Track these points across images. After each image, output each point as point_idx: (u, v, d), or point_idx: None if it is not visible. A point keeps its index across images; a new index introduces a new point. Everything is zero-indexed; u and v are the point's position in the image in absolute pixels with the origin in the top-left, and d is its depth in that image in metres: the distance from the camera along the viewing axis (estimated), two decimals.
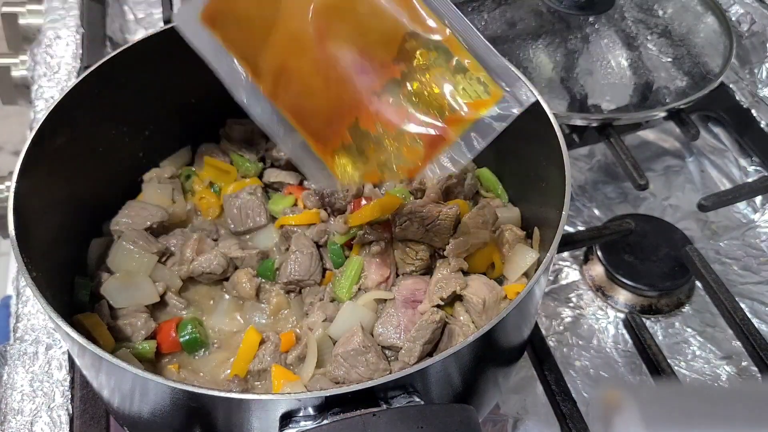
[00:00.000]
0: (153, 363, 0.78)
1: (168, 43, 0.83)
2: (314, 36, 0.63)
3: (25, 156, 0.72)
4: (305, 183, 0.92)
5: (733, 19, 1.26)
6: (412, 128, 0.63)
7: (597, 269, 1.04)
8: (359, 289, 0.80)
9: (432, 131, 0.63)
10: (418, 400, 0.57)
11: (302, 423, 0.56)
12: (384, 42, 0.63)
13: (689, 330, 0.99)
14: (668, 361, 0.88)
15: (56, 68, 1.20)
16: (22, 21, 1.27)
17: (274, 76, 0.65)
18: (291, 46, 0.64)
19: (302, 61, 0.64)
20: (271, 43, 0.64)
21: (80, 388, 0.83)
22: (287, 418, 0.56)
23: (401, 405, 0.56)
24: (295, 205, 0.89)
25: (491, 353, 0.67)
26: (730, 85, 1.22)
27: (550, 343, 0.92)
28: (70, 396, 0.82)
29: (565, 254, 1.07)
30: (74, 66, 1.20)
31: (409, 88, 0.63)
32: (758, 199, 1.15)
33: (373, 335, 0.76)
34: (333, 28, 0.63)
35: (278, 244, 0.86)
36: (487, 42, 0.63)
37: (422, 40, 0.63)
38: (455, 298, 0.77)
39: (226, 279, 0.84)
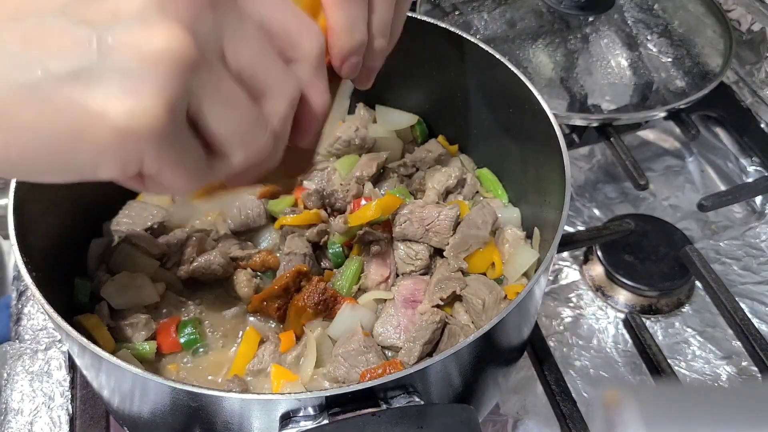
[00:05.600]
0: (153, 363, 0.78)
1: None
2: None
3: None
4: (305, 183, 0.92)
5: (733, 18, 1.26)
6: None
7: (597, 269, 1.04)
8: (359, 289, 0.80)
9: None
10: (418, 400, 0.57)
11: (302, 423, 0.55)
12: None
13: (689, 330, 0.99)
14: (668, 361, 0.88)
15: None
16: None
17: None
18: None
19: None
20: None
21: (80, 388, 0.83)
22: (287, 418, 0.56)
23: (401, 405, 0.56)
24: (295, 205, 0.89)
25: (491, 353, 0.67)
26: (730, 85, 1.22)
27: (550, 343, 0.92)
28: (70, 396, 0.82)
29: (565, 254, 1.07)
30: None
31: None
32: (758, 199, 1.15)
33: (372, 335, 0.76)
34: None
35: (278, 244, 0.86)
36: None
37: None
38: (455, 298, 0.77)
39: (227, 279, 0.84)
